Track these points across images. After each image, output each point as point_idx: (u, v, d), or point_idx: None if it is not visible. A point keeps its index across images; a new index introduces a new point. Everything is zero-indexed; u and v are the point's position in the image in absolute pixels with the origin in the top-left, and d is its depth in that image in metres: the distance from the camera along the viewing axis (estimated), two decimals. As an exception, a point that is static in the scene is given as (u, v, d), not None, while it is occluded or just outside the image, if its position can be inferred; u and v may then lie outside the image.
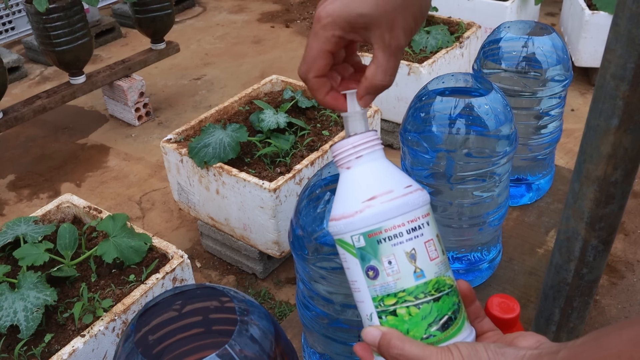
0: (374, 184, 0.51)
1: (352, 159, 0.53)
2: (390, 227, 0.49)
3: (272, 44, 3.35)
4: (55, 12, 2.16)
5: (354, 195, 0.51)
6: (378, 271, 0.50)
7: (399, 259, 0.49)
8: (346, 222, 0.51)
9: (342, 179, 0.54)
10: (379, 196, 0.50)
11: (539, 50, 1.10)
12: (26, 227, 1.24)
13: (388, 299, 0.50)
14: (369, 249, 0.50)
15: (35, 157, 2.46)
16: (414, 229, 0.50)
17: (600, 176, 0.68)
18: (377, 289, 0.50)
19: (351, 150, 0.53)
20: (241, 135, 1.57)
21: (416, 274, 0.49)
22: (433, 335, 0.49)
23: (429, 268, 0.50)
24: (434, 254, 0.50)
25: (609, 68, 0.61)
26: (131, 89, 2.53)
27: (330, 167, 0.76)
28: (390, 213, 0.49)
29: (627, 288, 1.58)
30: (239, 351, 0.54)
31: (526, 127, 1.17)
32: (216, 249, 1.84)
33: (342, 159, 0.54)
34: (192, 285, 0.63)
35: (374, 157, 0.53)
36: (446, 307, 0.50)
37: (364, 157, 0.53)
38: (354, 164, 0.53)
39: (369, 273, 0.50)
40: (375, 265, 0.50)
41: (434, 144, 0.91)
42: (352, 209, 0.51)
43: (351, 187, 0.52)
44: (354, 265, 0.51)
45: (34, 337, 1.06)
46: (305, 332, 0.91)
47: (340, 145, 0.54)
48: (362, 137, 0.53)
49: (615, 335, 0.38)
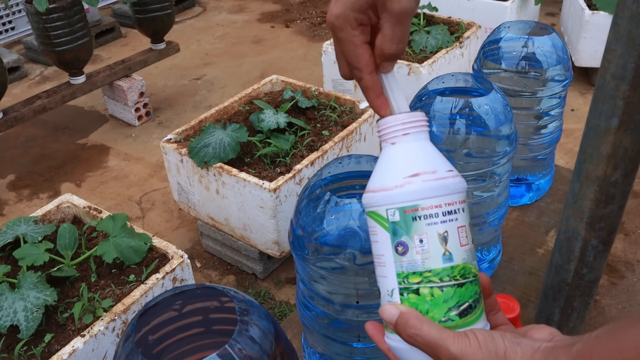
0: (418, 162, 0.51)
1: (399, 135, 0.53)
2: (428, 207, 0.49)
3: (272, 44, 3.35)
4: (55, 12, 2.16)
5: (396, 170, 0.51)
6: (408, 248, 0.50)
7: (431, 239, 0.49)
8: (384, 194, 0.51)
9: (385, 153, 0.54)
10: (421, 174, 0.50)
11: (539, 50, 1.10)
12: (26, 227, 1.23)
13: (413, 276, 0.50)
14: (402, 225, 0.50)
15: (35, 157, 2.46)
16: (450, 212, 0.50)
17: (600, 176, 0.68)
18: (404, 265, 0.50)
19: (400, 126, 0.53)
20: (241, 135, 1.57)
21: (445, 257, 0.49)
22: (451, 320, 0.49)
23: (458, 253, 0.50)
24: (464, 241, 0.51)
25: (609, 68, 0.61)
26: (131, 89, 2.53)
27: (330, 167, 0.76)
28: (430, 192, 0.50)
29: (627, 288, 1.58)
30: (239, 351, 0.54)
31: (526, 127, 1.17)
32: (216, 249, 1.84)
33: (389, 134, 0.53)
34: (192, 285, 0.63)
35: (421, 137, 0.54)
36: (468, 295, 0.50)
37: (410, 135, 0.53)
38: (400, 140, 0.53)
39: (398, 248, 0.50)
40: (405, 242, 0.50)
41: (434, 144, 0.91)
42: (392, 182, 0.51)
43: (394, 162, 0.52)
44: (383, 239, 0.51)
45: (34, 337, 1.06)
46: (305, 332, 0.91)
47: (388, 120, 0.54)
48: (411, 116, 0.53)
49: (632, 329, 0.38)
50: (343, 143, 1.64)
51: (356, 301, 0.76)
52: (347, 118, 1.77)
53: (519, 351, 0.43)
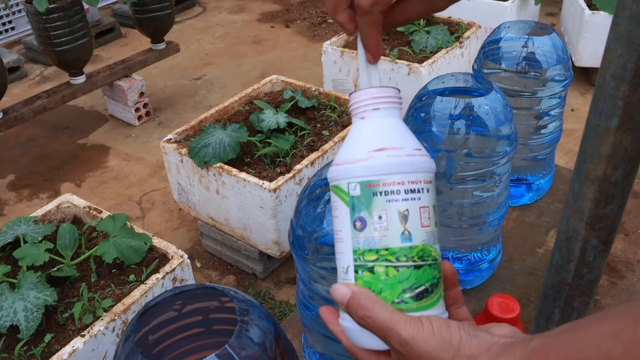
0: (384, 137, 0.50)
1: (369, 110, 0.51)
2: (390, 182, 0.48)
3: (272, 44, 3.35)
4: (55, 12, 2.16)
5: (362, 144, 0.50)
6: (366, 224, 0.48)
7: (390, 216, 0.48)
8: (346, 167, 0.49)
9: (354, 128, 0.52)
10: (386, 149, 0.49)
11: (539, 50, 1.10)
12: (26, 227, 1.23)
13: (369, 254, 0.48)
14: (362, 199, 0.48)
15: (35, 157, 2.46)
16: (413, 190, 0.48)
17: (600, 176, 0.68)
18: (360, 241, 0.49)
19: (370, 100, 0.51)
20: (241, 135, 1.57)
21: (403, 236, 0.48)
22: (405, 302, 0.48)
23: (417, 233, 0.48)
24: (426, 222, 0.49)
25: (609, 68, 0.61)
26: (131, 89, 2.53)
27: (330, 167, 0.76)
28: (393, 168, 0.48)
29: (627, 288, 1.58)
30: (239, 351, 0.54)
31: (526, 127, 1.17)
32: (216, 249, 1.84)
33: (358, 108, 0.52)
34: (192, 285, 0.63)
35: (391, 113, 0.52)
36: (425, 278, 0.48)
37: (381, 111, 0.51)
38: (369, 115, 0.51)
39: (356, 224, 0.49)
40: (364, 217, 0.48)
41: (434, 144, 0.91)
42: (356, 156, 0.49)
43: (360, 137, 0.51)
44: (343, 213, 0.50)
45: (34, 337, 1.06)
46: (305, 332, 0.91)
47: (359, 94, 0.52)
48: (383, 91, 0.52)
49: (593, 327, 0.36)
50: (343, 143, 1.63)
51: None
52: (347, 118, 1.77)
53: (475, 343, 0.42)
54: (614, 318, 0.35)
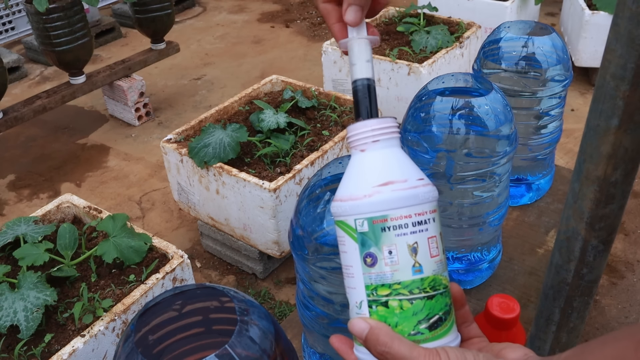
0: (388, 170, 0.50)
1: (369, 142, 0.52)
2: (397, 217, 0.48)
3: (272, 44, 3.35)
4: (55, 12, 2.16)
5: (365, 179, 0.50)
6: (377, 259, 0.49)
7: (400, 251, 0.48)
8: (352, 204, 0.50)
9: (354, 161, 0.53)
10: (390, 183, 0.49)
11: (539, 50, 1.10)
12: (26, 227, 1.24)
13: (382, 289, 0.49)
14: (371, 236, 0.49)
15: (35, 157, 2.46)
16: (420, 222, 0.49)
17: (600, 176, 0.68)
18: (372, 277, 0.49)
19: (369, 133, 0.52)
20: (241, 135, 1.57)
21: (415, 269, 0.49)
22: (421, 333, 0.48)
23: (428, 264, 0.49)
24: (435, 252, 0.50)
25: (609, 68, 0.61)
26: (131, 89, 2.53)
27: (330, 167, 0.76)
28: (400, 202, 0.49)
29: (627, 288, 1.58)
30: (239, 351, 0.54)
31: (526, 127, 1.17)
32: (216, 249, 1.84)
33: (358, 141, 0.52)
34: (192, 285, 0.63)
35: (391, 144, 0.52)
36: (438, 307, 0.49)
37: (380, 142, 0.52)
38: (370, 148, 0.52)
39: (366, 260, 0.49)
40: (374, 253, 0.49)
41: (434, 144, 0.91)
42: (361, 192, 0.50)
43: (363, 170, 0.51)
44: (352, 249, 0.50)
45: (34, 337, 1.06)
46: (305, 332, 0.91)
47: (357, 126, 0.52)
48: (381, 122, 0.52)
49: (598, 351, 0.38)
50: (343, 143, 1.64)
51: (356, 301, 0.76)
52: (347, 118, 1.77)
53: None
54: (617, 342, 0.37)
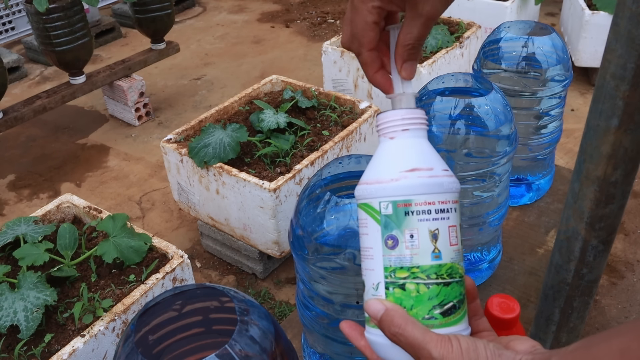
0: (415, 158, 0.52)
1: (398, 130, 0.53)
2: (422, 202, 0.50)
3: (272, 44, 3.35)
4: (55, 12, 2.15)
5: (393, 164, 0.52)
6: (398, 242, 0.50)
7: (422, 235, 0.50)
8: (379, 187, 0.51)
9: (383, 147, 0.54)
10: (417, 170, 0.50)
11: (539, 50, 1.10)
12: (26, 227, 1.23)
13: (401, 271, 0.50)
14: (394, 218, 0.50)
15: (35, 157, 2.46)
16: (442, 210, 0.50)
17: (600, 176, 0.68)
18: (392, 259, 0.50)
19: (399, 121, 0.53)
20: (241, 135, 1.57)
21: (434, 254, 0.50)
22: (434, 318, 0.49)
23: (447, 252, 0.50)
24: (454, 240, 0.51)
25: (609, 68, 0.61)
26: (131, 89, 2.53)
27: (330, 167, 0.76)
28: (425, 189, 0.50)
29: (627, 288, 1.58)
30: (239, 351, 0.54)
31: (526, 127, 1.17)
32: (216, 249, 1.84)
33: (388, 128, 0.53)
34: (192, 285, 0.63)
35: (419, 134, 0.53)
36: (453, 295, 0.50)
37: (410, 131, 0.53)
38: (399, 135, 0.53)
39: (388, 242, 0.50)
40: (396, 236, 0.50)
41: (434, 144, 0.91)
42: (388, 176, 0.51)
43: (391, 156, 0.53)
44: (374, 231, 0.51)
45: (34, 337, 1.06)
46: (305, 332, 0.91)
47: (388, 114, 0.54)
48: (412, 112, 0.53)
49: (604, 345, 0.39)
50: (343, 143, 1.64)
51: (356, 301, 0.76)
52: (347, 118, 1.77)
53: None
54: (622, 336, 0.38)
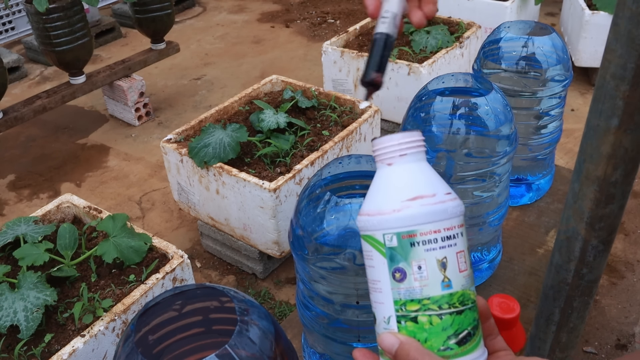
0: (416, 184, 0.50)
1: (396, 157, 0.51)
2: (427, 232, 0.48)
3: (272, 44, 3.35)
4: (55, 12, 2.15)
5: (393, 193, 0.50)
6: (406, 274, 0.49)
7: (430, 266, 0.48)
8: (381, 219, 0.49)
9: (381, 175, 0.52)
10: (419, 198, 0.49)
11: (539, 50, 1.10)
12: (26, 227, 1.23)
13: (411, 304, 0.49)
14: (400, 250, 0.49)
15: (35, 157, 2.46)
16: (449, 237, 0.49)
17: (600, 176, 0.68)
18: (401, 292, 0.49)
19: (396, 147, 0.51)
20: (241, 135, 1.57)
21: (444, 284, 0.48)
22: (450, 349, 0.48)
23: (457, 279, 0.49)
24: (463, 266, 0.50)
25: (609, 68, 0.61)
26: (131, 89, 2.53)
27: (330, 167, 0.76)
28: (430, 217, 0.48)
29: (627, 288, 1.58)
30: (239, 351, 0.54)
31: (526, 127, 1.17)
32: (216, 249, 1.84)
33: (384, 154, 0.52)
34: (192, 285, 0.63)
35: (418, 157, 0.52)
36: (467, 322, 0.49)
37: (408, 156, 0.51)
38: (397, 162, 0.51)
39: (395, 275, 0.49)
40: (403, 268, 0.49)
41: (434, 144, 0.91)
42: (389, 206, 0.49)
43: (390, 185, 0.51)
44: (380, 264, 0.50)
45: (34, 337, 1.06)
46: (305, 332, 0.91)
47: (384, 140, 0.52)
48: (407, 135, 0.52)
49: None
50: (343, 143, 1.64)
51: (356, 301, 0.76)
52: (347, 118, 1.77)
53: None
54: None
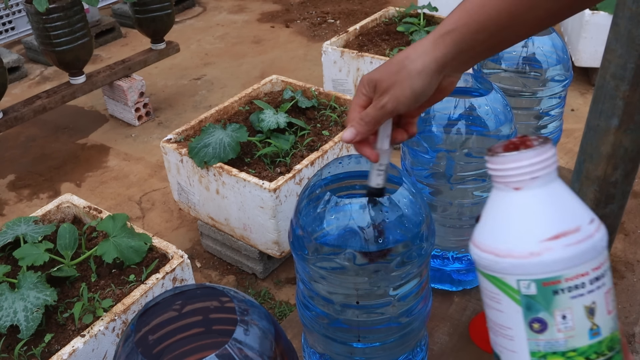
0: (556, 217, 0.42)
1: (526, 179, 0.43)
2: (573, 276, 0.41)
3: (272, 44, 3.35)
4: (55, 12, 2.16)
5: (528, 230, 0.42)
6: (547, 325, 0.42)
7: (576, 314, 0.42)
8: (514, 262, 0.42)
9: (505, 201, 0.44)
10: (562, 236, 0.41)
11: (539, 50, 1.10)
12: (26, 227, 1.23)
13: (553, 357, 0.43)
14: (540, 300, 0.42)
15: (35, 157, 2.46)
16: (597, 278, 0.42)
17: (600, 176, 0.68)
18: (540, 344, 0.43)
19: (527, 168, 0.43)
20: (241, 135, 1.57)
21: (592, 332, 0.42)
22: None
23: (605, 323, 0.43)
24: (611, 306, 0.43)
25: (609, 68, 0.61)
26: (131, 89, 2.53)
27: (330, 167, 0.76)
28: (576, 260, 0.41)
29: (627, 288, 1.58)
30: (239, 351, 0.54)
31: (526, 127, 1.17)
32: (216, 249, 1.84)
33: (511, 177, 0.43)
34: (192, 285, 0.63)
35: (551, 178, 0.43)
36: None
37: (540, 179, 0.43)
38: (527, 186, 0.43)
39: (533, 325, 0.43)
40: (544, 319, 0.42)
41: (434, 144, 0.91)
42: (525, 247, 0.42)
43: (522, 217, 0.43)
44: (512, 311, 0.43)
45: (34, 337, 1.06)
46: (305, 332, 0.91)
47: (508, 158, 0.43)
48: (541, 152, 0.43)
49: None
50: (343, 143, 1.64)
51: (356, 301, 0.76)
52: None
53: None
54: None
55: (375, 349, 0.80)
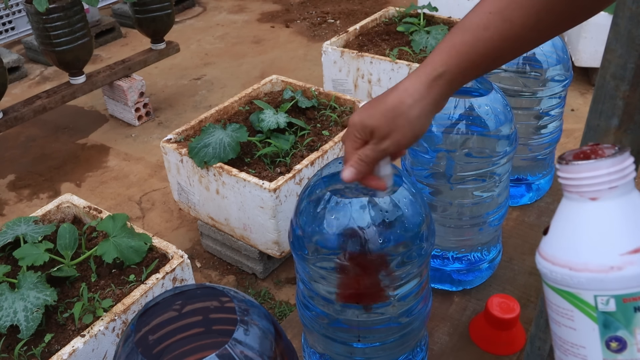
0: (636, 229, 0.40)
1: (604, 189, 0.41)
2: None
3: (272, 44, 3.35)
4: (55, 12, 2.16)
5: (607, 242, 0.40)
6: (626, 344, 0.40)
7: None
8: (592, 277, 0.40)
9: (582, 213, 0.42)
10: None
11: (539, 50, 1.10)
12: (26, 227, 1.23)
13: None
14: (619, 317, 0.40)
15: (35, 157, 2.46)
16: None
17: (600, 176, 0.68)
18: None
19: (604, 177, 0.41)
20: (241, 135, 1.57)
21: None
22: None
23: None
24: None
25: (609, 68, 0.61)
26: (131, 89, 2.53)
27: (330, 167, 0.76)
28: None
29: (627, 288, 1.58)
30: (239, 351, 0.54)
31: (526, 127, 1.17)
32: (216, 249, 1.84)
33: (587, 186, 0.41)
34: (192, 285, 0.63)
35: (629, 189, 0.42)
36: None
37: (618, 189, 0.41)
38: (605, 196, 0.41)
39: (610, 344, 0.41)
40: (623, 337, 0.40)
41: (434, 144, 0.91)
42: (604, 261, 0.40)
43: (600, 229, 0.41)
44: (587, 329, 0.41)
45: (34, 337, 1.06)
46: (305, 332, 0.91)
47: (585, 167, 0.42)
48: (619, 161, 0.41)
49: None
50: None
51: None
52: (347, 118, 1.77)
53: None
54: None
55: (375, 349, 0.80)
